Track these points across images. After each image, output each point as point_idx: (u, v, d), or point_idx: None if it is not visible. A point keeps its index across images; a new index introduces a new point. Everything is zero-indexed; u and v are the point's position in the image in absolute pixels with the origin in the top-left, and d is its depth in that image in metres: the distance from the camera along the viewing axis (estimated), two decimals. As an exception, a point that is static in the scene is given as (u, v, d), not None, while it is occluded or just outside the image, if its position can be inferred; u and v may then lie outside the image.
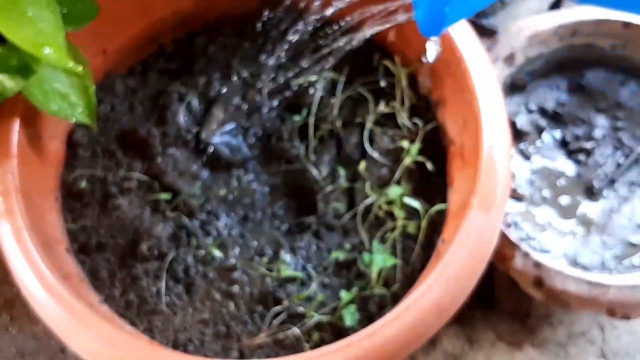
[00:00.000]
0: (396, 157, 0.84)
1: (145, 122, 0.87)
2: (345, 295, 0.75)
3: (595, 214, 0.90)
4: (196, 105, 0.89)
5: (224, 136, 0.88)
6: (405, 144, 0.83)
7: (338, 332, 0.74)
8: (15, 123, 0.75)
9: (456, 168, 0.80)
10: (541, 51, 0.97)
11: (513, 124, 0.95)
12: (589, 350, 0.95)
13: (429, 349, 0.95)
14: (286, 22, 0.94)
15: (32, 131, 0.78)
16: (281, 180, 0.88)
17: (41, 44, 0.64)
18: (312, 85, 0.88)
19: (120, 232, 0.80)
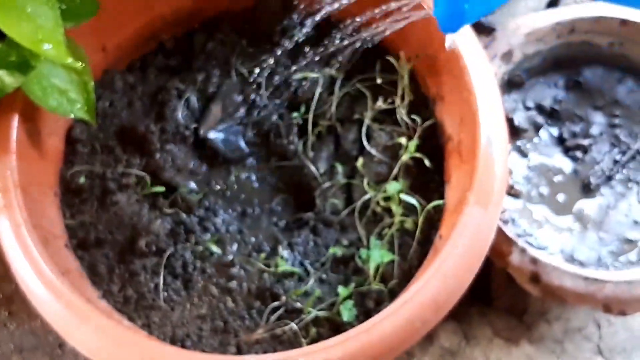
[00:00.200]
0: (394, 154, 0.84)
1: (144, 119, 0.88)
2: (342, 290, 0.75)
3: (592, 211, 0.91)
4: (195, 101, 0.89)
5: (223, 133, 0.89)
6: (403, 141, 0.83)
7: (335, 328, 0.74)
8: (14, 119, 0.76)
9: (454, 165, 0.80)
10: (539, 48, 0.97)
11: (511, 121, 0.96)
12: (586, 346, 0.95)
13: (427, 345, 0.95)
14: (285, 20, 0.95)
15: (31, 127, 0.78)
16: (279, 176, 0.88)
17: (40, 40, 0.64)
18: (311, 82, 0.88)
19: (118, 228, 0.80)
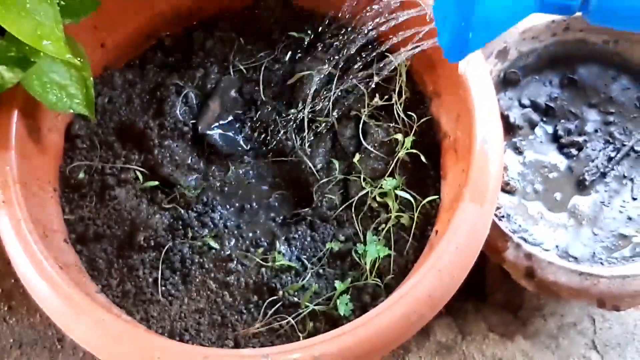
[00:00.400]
0: (390, 150, 0.84)
1: (142, 115, 0.88)
2: (339, 285, 0.76)
3: (586, 207, 0.91)
4: (193, 98, 0.90)
5: (221, 129, 0.89)
6: (399, 137, 0.84)
7: (332, 322, 0.75)
8: (13, 115, 0.76)
9: (449, 161, 0.80)
10: (534, 46, 0.98)
11: (506, 118, 0.96)
12: (580, 341, 0.96)
13: (423, 340, 0.96)
14: (285, 19, 0.96)
15: (31, 123, 0.79)
16: (277, 172, 0.89)
17: (40, 36, 0.64)
18: (308, 78, 0.89)
19: (117, 223, 0.81)
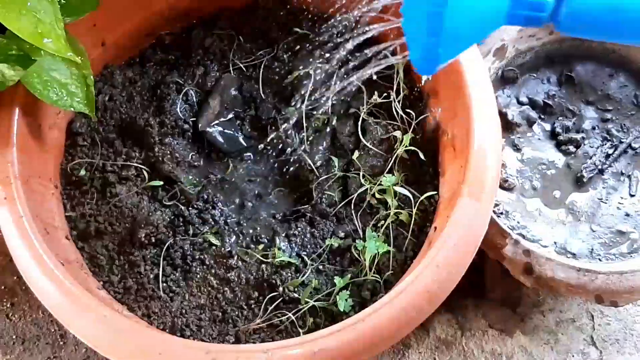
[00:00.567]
0: (389, 147, 0.85)
1: (143, 112, 0.89)
2: (339, 281, 0.76)
3: (584, 204, 0.92)
4: (193, 96, 0.90)
5: (221, 126, 0.89)
6: (398, 134, 0.84)
7: (332, 318, 0.75)
8: (15, 112, 0.77)
9: (448, 158, 0.81)
10: (531, 44, 0.98)
11: (504, 116, 0.96)
12: (579, 337, 0.96)
13: (423, 336, 0.96)
14: (284, 17, 0.96)
15: (32, 120, 0.79)
16: (276, 169, 0.89)
17: (40, 34, 0.65)
18: (308, 76, 0.89)
19: (118, 220, 0.81)
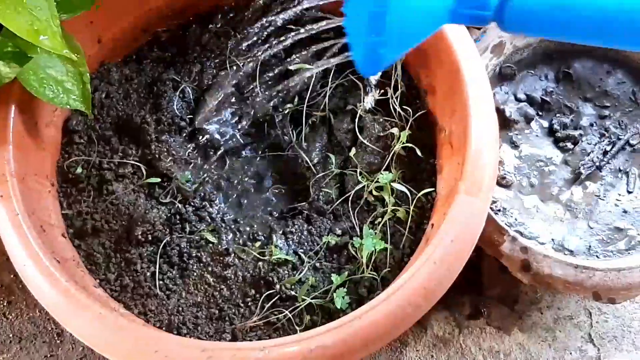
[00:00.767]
0: (386, 144, 0.85)
1: (139, 110, 0.88)
2: (336, 279, 0.76)
3: (582, 200, 0.92)
4: (190, 93, 0.90)
5: (217, 123, 0.89)
6: (395, 131, 0.84)
7: (329, 315, 0.75)
8: (11, 110, 0.76)
9: (445, 155, 0.81)
10: (529, 41, 0.98)
11: (502, 113, 0.96)
12: (577, 334, 0.96)
13: (420, 333, 0.96)
14: (281, 12, 0.95)
15: (28, 118, 0.79)
16: (273, 166, 0.89)
17: (36, 31, 0.65)
18: (305, 73, 0.89)
19: (115, 218, 0.81)
